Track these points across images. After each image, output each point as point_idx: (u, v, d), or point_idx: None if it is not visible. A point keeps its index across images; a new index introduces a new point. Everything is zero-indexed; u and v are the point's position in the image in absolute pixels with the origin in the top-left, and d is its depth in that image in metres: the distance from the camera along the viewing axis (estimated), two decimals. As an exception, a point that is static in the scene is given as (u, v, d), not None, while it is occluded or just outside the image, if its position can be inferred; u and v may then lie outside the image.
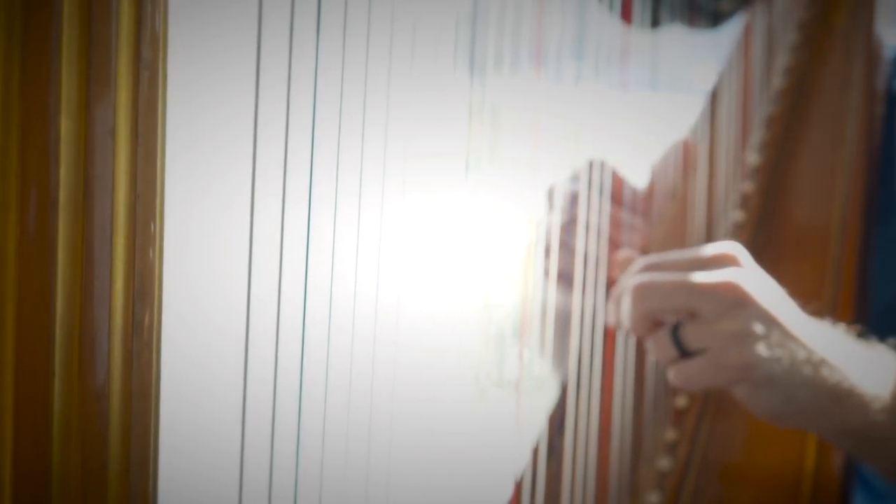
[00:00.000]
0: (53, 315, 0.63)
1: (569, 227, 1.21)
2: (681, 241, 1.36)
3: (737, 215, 1.45)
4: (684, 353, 1.11)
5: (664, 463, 1.26)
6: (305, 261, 0.77)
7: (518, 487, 1.14)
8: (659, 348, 1.12)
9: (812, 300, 1.17)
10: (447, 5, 0.92)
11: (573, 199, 1.22)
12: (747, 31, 1.52)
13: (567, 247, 1.21)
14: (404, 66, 0.85)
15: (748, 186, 1.48)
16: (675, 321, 1.11)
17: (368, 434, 0.87)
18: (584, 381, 1.21)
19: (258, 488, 0.74)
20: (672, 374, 1.12)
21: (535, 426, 1.25)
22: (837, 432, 1.15)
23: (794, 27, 1.61)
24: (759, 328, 1.09)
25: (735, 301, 1.10)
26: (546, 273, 1.20)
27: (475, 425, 1.05)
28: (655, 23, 1.31)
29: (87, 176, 0.63)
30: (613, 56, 1.23)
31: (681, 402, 1.30)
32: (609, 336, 1.23)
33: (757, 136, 1.54)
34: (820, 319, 1.15)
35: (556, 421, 1.23)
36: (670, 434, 1.28)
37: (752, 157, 1.52)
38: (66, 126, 0.62)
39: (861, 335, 1.16)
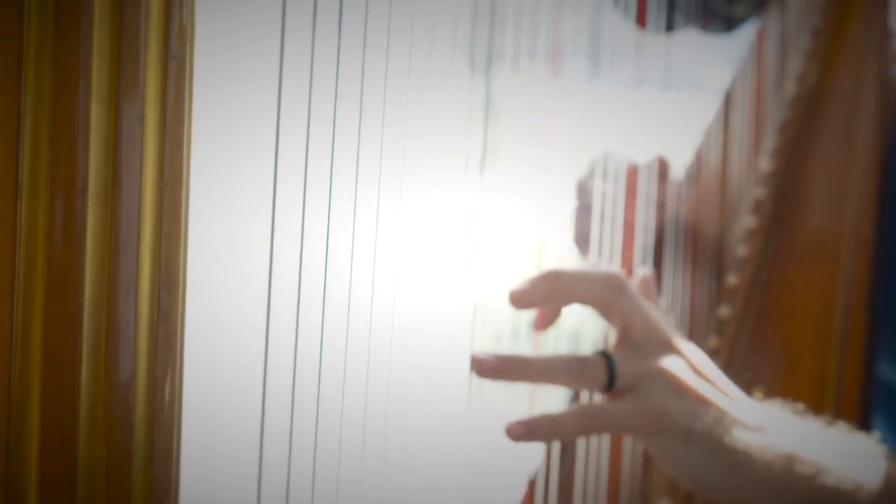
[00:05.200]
0: (81, 303, 0.63)
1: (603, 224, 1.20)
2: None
3: (749, 221, 1.46)
4: (610, 384, 1.03)
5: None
6: (325, 252, 0.77)
7: (531, 488, 1.14)
8: (588, 372, 1.03)
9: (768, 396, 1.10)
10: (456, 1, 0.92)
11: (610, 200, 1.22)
12: (761, 36, 1.52)
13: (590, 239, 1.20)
14: (402, 64, 0.85)
15: (761, 192, 1.49)
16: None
17: (405, 433, 0.87)
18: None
19: (277, 477, 0.74)
20: (587, 412, 1.03)
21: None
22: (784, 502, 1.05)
23: (807, 32, 1.61)
24: (678, 380, 1.03)
25: (659, 342, 1.04)
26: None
27: (484, 425, 1.05)
28: (670, 27, 1.31)
29: (115, 163, 0.63)
30: (627, 57, 1.23)
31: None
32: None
33: (770, 141, 1.54)
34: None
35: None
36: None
37: (765, 163, 1.52)
38: (96, 113, 0.62)
39: (836, 425, 1.07)
